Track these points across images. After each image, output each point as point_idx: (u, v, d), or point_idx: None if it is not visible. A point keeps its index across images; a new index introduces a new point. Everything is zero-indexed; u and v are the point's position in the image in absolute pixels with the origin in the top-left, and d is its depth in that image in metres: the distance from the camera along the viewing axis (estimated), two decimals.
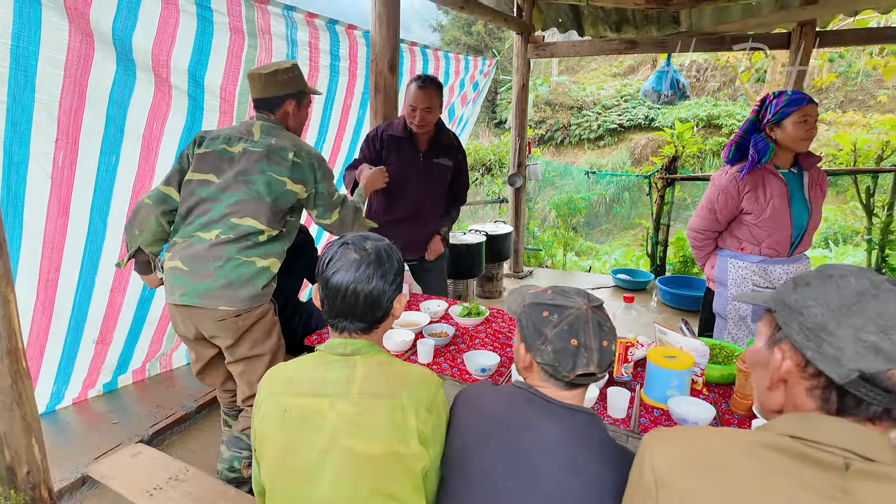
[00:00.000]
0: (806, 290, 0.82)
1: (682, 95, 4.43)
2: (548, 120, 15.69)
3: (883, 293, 0.76)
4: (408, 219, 2.84)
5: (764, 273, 2.24)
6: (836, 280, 0.80)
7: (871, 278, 0.79)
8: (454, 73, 4.12)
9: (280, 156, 1.90)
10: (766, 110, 2.14)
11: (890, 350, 0.73)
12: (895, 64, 8.74)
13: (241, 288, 1.84)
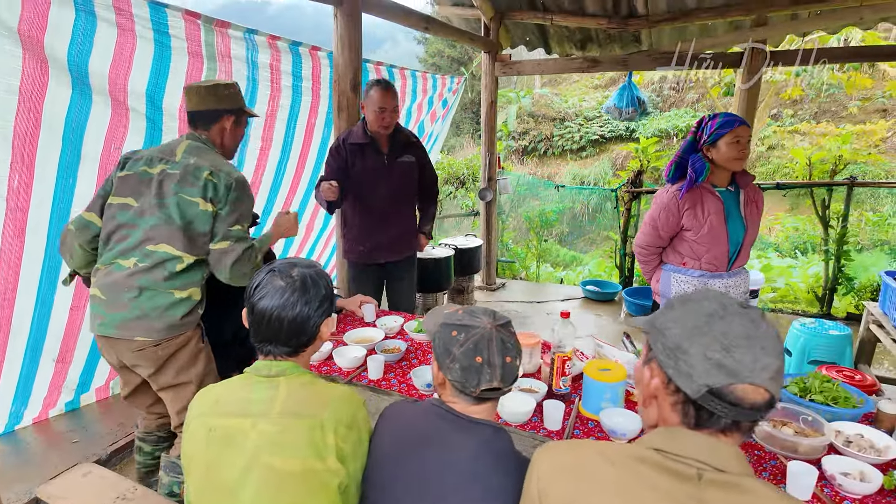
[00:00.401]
0: (670, 313, 0.90)
1: (642, 112, 4.56)
2: (531, 131, 15.95)
3: (729, 315, 0.84)
4: (382, 221, 2.95)
5: (704, 287, 2.34)
6: (693, 304, 0.88)
7: (723, 302, 0.87)
8: (422, 91, 4.21)
9: (194, 175, 1.83)
10: (703, 131, 2.24)
11: (732, 366, 0.81)
12: (856, 79, 9.07)
13: (157, 319, 1.80)
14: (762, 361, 0.80)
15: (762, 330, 0.83)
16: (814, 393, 1.81)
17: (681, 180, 2.36)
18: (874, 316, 3.17)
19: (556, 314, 4.92)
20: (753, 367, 0.80)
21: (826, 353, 3.30)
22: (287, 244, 3.60)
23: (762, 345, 0.81)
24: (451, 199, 6.54)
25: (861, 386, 2.95)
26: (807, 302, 5.04)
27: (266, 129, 2.96)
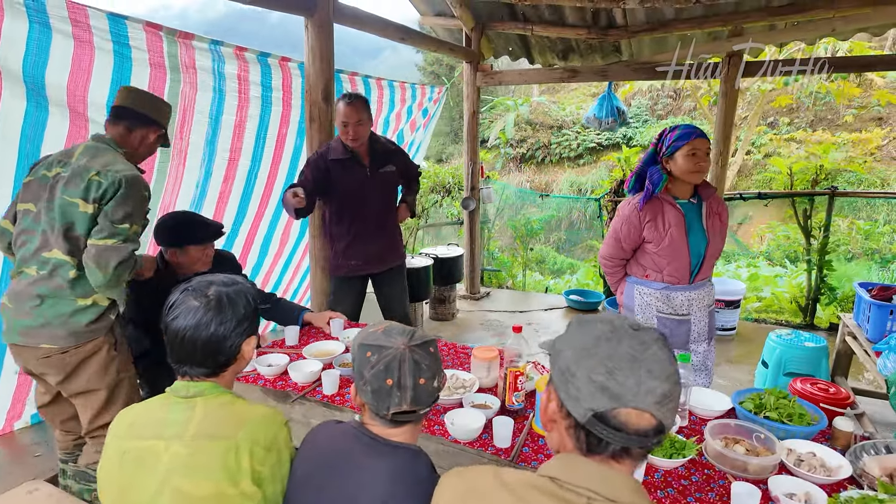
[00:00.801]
0: (566, 335, 0.88)
1: (622, 122, 4.56)
2: (529, 139, 16.06)
3: (618, 337, 0.82)
4: (369, 235, 2.95)
5: (667, 299, 2.31)
6: (587, 325, 0.86)
7: (615, 323, 0.84)
8: (400, 101, 4.20)
9: (80, 176, 1.75)
10: (662, 143, 2.23)
11: (615, 390, 0.78)
12: (845, 88, 9.10)
13: (60, 327, 1.78)
14: (647, 385, 0.78)
15: (650, 352, 0.80)
16: (769, 409, 1.78)
17: (641, 192, 2.35)
18: (849, 327, 3.14)
19: (536, 324, 4.90)
20: (637, 391, 0.77)
21: (802, 366, 3.27)
22: (261, 256, 3.58)
23: (648, 368, 0.78)
24: (438, 208, 6.52)
25: (835, 399, 2.92)
26: (790, 312, 5.02)
27: (235, 139, 2.95)
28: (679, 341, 2.33)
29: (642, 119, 15.50)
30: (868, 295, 2.94)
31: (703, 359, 2.35)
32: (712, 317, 2.39)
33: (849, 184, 12.59)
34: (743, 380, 3.75)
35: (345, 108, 2.67)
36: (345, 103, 2.67)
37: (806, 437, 1.69)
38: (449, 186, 6.38)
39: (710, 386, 2.38)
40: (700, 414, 1.89)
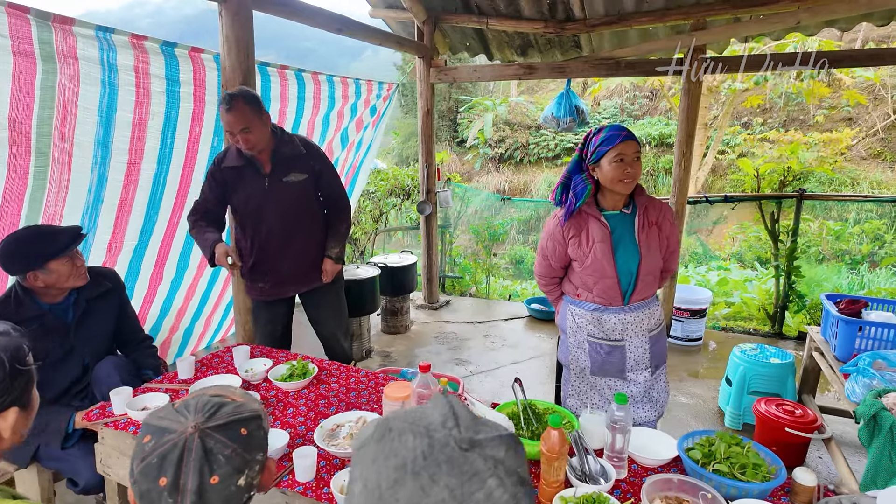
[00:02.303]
0: (360, 451, 0.57)
1: (581, 122, 4.30)
2: (507, 139, 15.97)
3: (431, 467, 0.52)
4: (275, 254, 2.58)
5: (598, 322, 2.03)
6: (391, 440, 0.55)
7: (436, 437, 0.54)
8: (342, 97, 3.87)
9: None
10: (587, 148, 1.94)
11: None
12: (815, 87, 9.01)
13: None
14: None
15: (479, 497, 0.50)
16: (718, 460, 1.51)
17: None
18: (816, 343, 2.91)
19: (493, 336, 4.61)
20: None
21: (767, 384, 3.04)
22: (180, 269, 3.22)
23: None
24: (397, 212, 6.20)
25: (801, 423, 2.68)
26: (759, 320, 4.81)
27: (134, 139, 2.59)
28: (613, 369, 2.05)
29: (618, 119, 15.41)
30: (835, 309, 2.70)
31: (647, 389, 2.06)
32: (658, 342, 2.08)
33: (820, 183, 12.62)
34: (707, 397, 3.50)
35: (225, 115, 2.27)
36: (224, 109, 2.27)
37: (761, 495, 1.42)
38: (408, 189, 6.07)
39: (657, 419, 2.09)
40: (642, 463, 1.62)
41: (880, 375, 2.16)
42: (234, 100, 2.26)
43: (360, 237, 6.05)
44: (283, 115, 3.39)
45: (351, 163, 4.51)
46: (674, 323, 4.28)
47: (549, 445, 1.42)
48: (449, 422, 0.56)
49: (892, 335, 2.48)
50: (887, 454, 1.81)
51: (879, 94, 13.59)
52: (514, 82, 17.92)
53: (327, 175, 2.66)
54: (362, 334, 4.04)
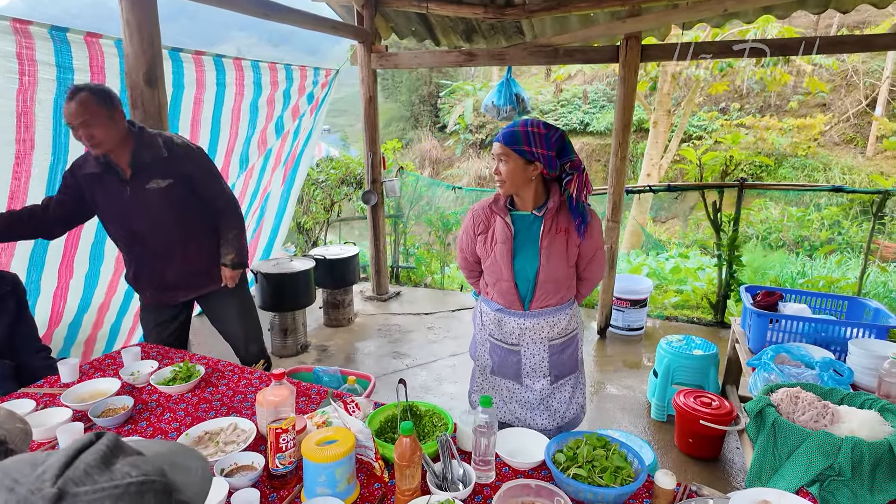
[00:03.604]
0: None
1: (521, 110, 4.23)
2: (487, 125, 15.97)
3: None
4: (156, 261, 2.42)
5: (499, 323, 1.98)
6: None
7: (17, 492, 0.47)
8: (270, 83, 3.74)
9: None
10: None
11: None
12: (778, 74, 9.03)
13: None
14: None
15: None
16: (580, 463, 1.47)
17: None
18: (736, 334, 2.91)
19: (437, 328, 4.57)
20: None
21: (689, 376, 3.04)
22: (94, 263, 3.10)
23: None
24: (348, 202, 6.10)
25: (717, 415, 2.69)
26: (704, 309, 4.83)
27: (21, 129, 2.45)
28: (510, 373, 2.00)
29: (599, 105, 15.39)
30: (751, 300, 2.70)
31: (544, 397, 1.98)
32: (562, 352, 1.97)
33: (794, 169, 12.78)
34: (638, 389, 3.50)
35: (65, 105, 2.06)
36: (66, 100, 2.06)
37: (618, 499, 1.39)
38: (360, 177, 5.96)
39: (554, 427, 2.02)
40: (514, 466, 1.57)
41: (779, 370, 2.15)
42: (79, 91, 2.05)
43: (311, 227, 5.94)
44: (199, 102, 3.26)
45: (289, 151, 4.40)
46: (614, 313, 4.28)
47: (399, 453, 1.37)
48: (49, 472, 0.49)
49: (802, 328, 2.48)
50: (770, 449, 1.80)
51: (852, 81, 13.78)
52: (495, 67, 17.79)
53: (200, 176, 2.40)
54: (297, 328, 3.96)
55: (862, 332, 2.39)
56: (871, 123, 13.02)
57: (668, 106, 8.95)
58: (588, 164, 14.80)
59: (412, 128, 19.40)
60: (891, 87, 12.79)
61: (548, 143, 1.74)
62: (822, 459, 1.65)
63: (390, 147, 6.02)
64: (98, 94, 2.09)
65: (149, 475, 0.53)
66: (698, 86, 9.91)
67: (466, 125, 14.76)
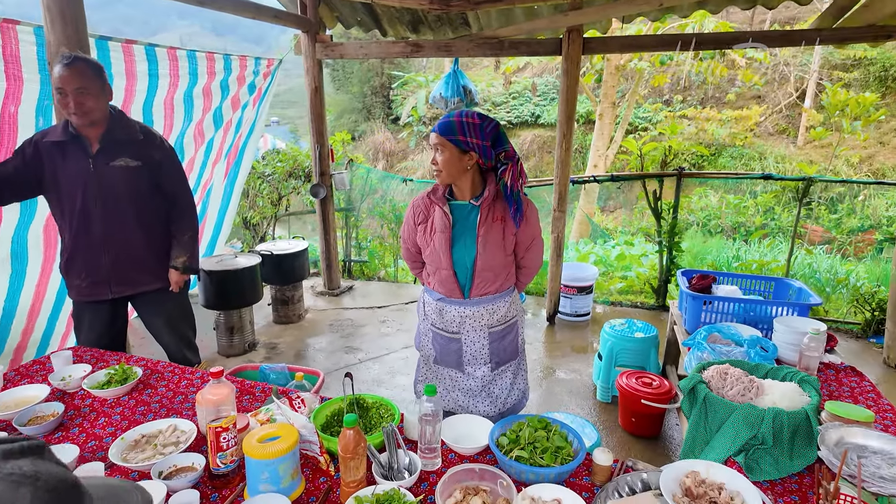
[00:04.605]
0: None
1: (469, 102, 4.26)
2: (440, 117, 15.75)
3: None
4: (96, 245, 2.32)
5: (440, 312, 2.00)
6: None
7: None
8: (207, 73, 3.60)
9: None
10: None
11: None
12: (714, 68, 9.44)
13: None
14: None
15: None
16: (522, 445, 1.51)
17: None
18: (674, 316, 3.05)
19: (390, 321, 4.56)
20: None
21: (631, 358, 3.16)
22: (16, 278, 2.91)
23: None
24: (297, 195, 5.97)
25: (657, 394, 2.81)
26: (647, 294, 5.03)
27: None
28: (451, 361, 2.03)
29: (549, 97, 15.61)
30: (687, 284, 2.83)
31: (486, 384, 2.03)
32: (501, 339, 2.01)
33: (732, 158, 13.41)
34: (585, 372, 3.62)
35: (62, 71, 2.08)
36: (60, 65, 2.09)
37: (558, 478, 1.43)
38: (309, 170, 5.85)
39: (496, 413, 2.06)
40: (459, 451, 1.60)
41: (711, 348, 2.27)
42: (78, 59, 2.11)
43: (257, 222, 5.79)
44: (130, 92, 3.12)
45: (231, 143, 4.26)
46: (562, 299, 4.39)
47: (342, 445, 1.37)
48: None
49: (733, 308, 2.62)
50: (702, 423, 1.90)
51: (784, 75, 14.56)
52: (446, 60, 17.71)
53: (169, 168, 2.42)
54: (244, 327, 3.86)
55: (786, 310, 2.54)
56: (801, 115, 13.81)
57: (613, 98, 9.20)
58: (539, 155, 15.05)
59: (364, 120, 19.15)
60: (818, 81, 13.60)
61: (482, 133, 1.77)
62: (748, 430, 1.75)
63: (339, 139, 5.92)
64: (93, 65, 2.18)
65: (40, 475, 0.51)
66: (641, 78, 10.24)
67: (420, 117, 14.68)
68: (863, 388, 2.07)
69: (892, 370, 3.73)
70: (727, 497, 1.31)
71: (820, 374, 2.16)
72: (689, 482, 1.36)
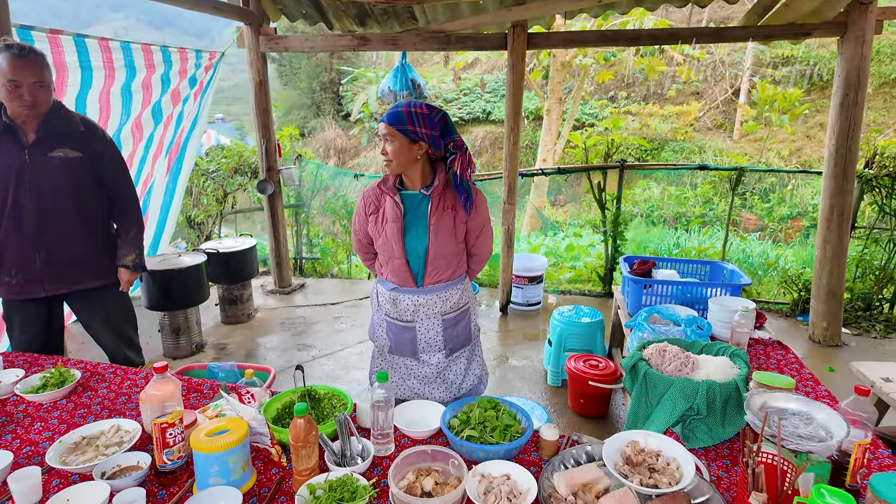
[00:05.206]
0: None
1: (418, 96, 4.28)
2: None
3: None
4: (30, 239, 2.21)
5: (394, 302, 2.02)
6: None
7: None
8: (146, 66, 3.47)
9: None
10: None
11: None
12: (654, 64, 9.82)
13: None
14: None
15: None
16: (472, 425, 1.56)
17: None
18: (618, 301, 3.18)
19: (344, 317, 4.54)
20: None
21: (579, 342, 3.28)
22: None
23: None
24: (243, 192, 5.82)
25: (603, 375, 2.93)
26: (594, 282, 5.20)
27: None
28: (406, 349, 2.06)
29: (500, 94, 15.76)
30: (628, 269, 2.95)
31: (440, 370, 2.07)
32: (455, 326, 2.05)
33: (674, 152, 14.00)
34: (537, 359, 3.72)
35: (14, 62, 2.00)
36: (14, 55, 2.00)
37: (507, 454, 1.49)
38: (255, 167, 5.71)
39: (451, 399, 2.09)
40: (412, 435, 1.63)
41: (651, 329, 2.39)
42: (31, 50, 2.06)
43: (202, 221, 5.61)
44: (61, 85, 2.97)
45: (172, 138, 4.11)
46: (514, 290, 4.49)
47: (293, 434, 1.37)
48: None
49: (671, 291, 2.76)
50: (643, 398, 2.00)
51: (720, 72, 15.30)
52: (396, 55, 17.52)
53: (111, 162, 2.34)
54: (191, 327, 3.75)
55: (719, 291, 2.70)
56: (736, 110, 14.57)
57: (560, 94, 9.42)
58: (491, 151, 15.21)
59: (314, 116, 18.79)
60: (751, 78, 14.38)
61: (431, 123, 1.80)
62: (684, 402, 1.86)
63: (287, 133, 5.81)
64: (44, 58, 2.11)
65: None
66: (586, 74, 10.52)
67: (371, 113, 14.54)
68: (787, 361, 2.23)
69: (816, 345, 4.02)
70: (664, 462, 1.39)
71: (750, 348, 2.31)
72: (630, 451, 1.43)
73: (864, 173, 4.16)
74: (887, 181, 4.16)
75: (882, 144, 4.17)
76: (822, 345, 4.00)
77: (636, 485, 1.28)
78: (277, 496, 1.38)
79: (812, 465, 1.30)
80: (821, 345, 4.00)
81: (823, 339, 4.02)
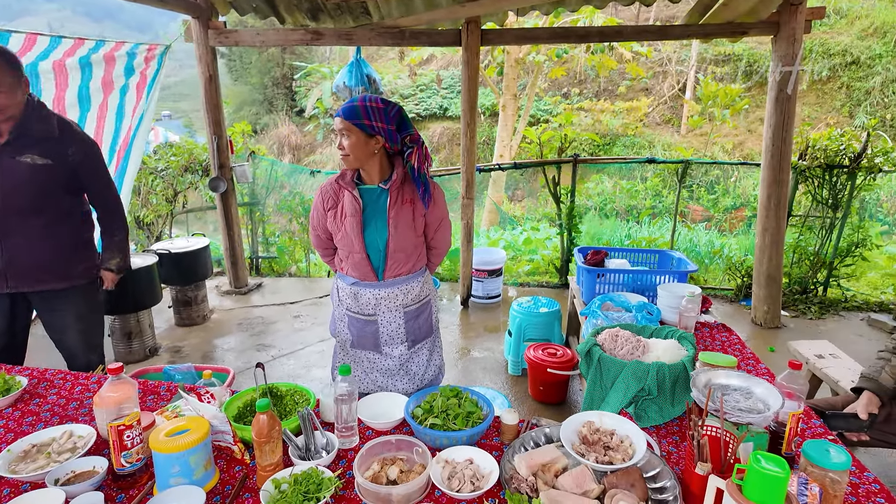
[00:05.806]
0: None
1: (374, 92, 4.26)
2: None
3: None
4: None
5: (355, 296, 2.03)
6: None
7: None
8: (72, 56, 3.30)
9: None
10: None
11: None
12: (605, 61, 10.09)
13: None
14: None
15: None
16: (435, 413, 1.59)
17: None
18: (573, 291, 3.28)
19: (304, 316, 4.49)
20: None
21: (537, 331, 3.36)
22: None
23: None
24: (195, 191, 5.66)
25: (561, 362, 3.02)
26: (551, 274, 5.33)
27: None
28: (369, 343, 2.08)
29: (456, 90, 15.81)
30: (582, 259, 3.05)
31: (403, 362, 2.09)
32: (416, 318, 2.08)
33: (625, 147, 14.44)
34: (498, 350, 3.80)
35: None
36: None
37: (470, 440, 1.53)
38: (206, 164, 5.55)
39: (414, 390, 2.13)
40: (376, 427, 1.65)
41: (604, 315, 2.48)
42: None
43: (152, 221, 5.41)
44: None
45: (115, 134, 3.95)
46: (474, 283, 4.55)
47: (256, 430, 1.36)
48: None
49: (623, 279, 2.87)
50: (598, 382, 2.09)
51: (667, 69, 15.86)
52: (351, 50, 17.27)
53: (88, 171, 2.28)
54: (143, 331, 3.63)
55: (667, 278, 2.83)
56: (682, 105, 15.14)
57: (514, 90, 9.56)
58: (450, 147, 15.28)
59: (266, 112, 18.36)
60: (696, 74, 14.97)
61: (387, 117, 1.81)
62: (636, 383, 1.95)
63: (239, 130, 5.67)
64: (9, 57, 2.03)
65: None
66: (540, 70, 10.72)
67: (326, 109, 14.32)
68: (731, 342, 2.36)
69: (758, 327, 4.27)
70: (618, 440, 1.47)
71: (697, 332, 2.44)
72: (586, 431, 1.50)
73: (799, 164, 4.43)
74: (819, 172, 4.44)
75: (814, 137, 4.45)
76: (763, 327, 4.25)
77: (592, 462, 1.34)
78: (242, 493, 1.37)
79: (752, 435, 1.40)
80: (762, 327, 4.25)
81: (765, 322, 4.26)
